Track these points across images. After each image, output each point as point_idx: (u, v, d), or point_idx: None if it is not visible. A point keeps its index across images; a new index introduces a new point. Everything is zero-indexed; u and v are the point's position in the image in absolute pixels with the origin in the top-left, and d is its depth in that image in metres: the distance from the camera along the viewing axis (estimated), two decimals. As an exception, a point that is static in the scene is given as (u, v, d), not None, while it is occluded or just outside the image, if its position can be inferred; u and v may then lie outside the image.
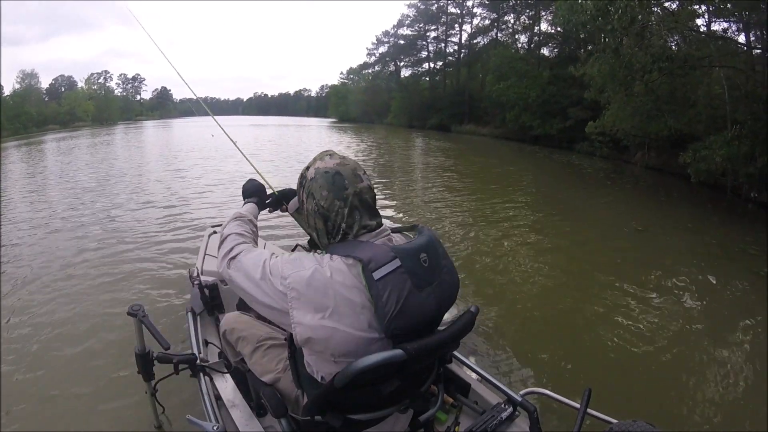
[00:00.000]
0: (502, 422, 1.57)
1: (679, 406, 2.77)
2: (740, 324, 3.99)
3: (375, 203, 1.24)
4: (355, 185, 1.19)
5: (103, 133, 34.22)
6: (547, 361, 3.18)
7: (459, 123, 36.00)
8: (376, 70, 55.49)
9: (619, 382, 2.94)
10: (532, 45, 33.03)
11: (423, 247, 1.16)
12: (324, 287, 1.09)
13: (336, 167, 1.20)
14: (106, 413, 2.43)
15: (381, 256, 1.10)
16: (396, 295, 1.06)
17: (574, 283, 4.80)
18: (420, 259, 1.13)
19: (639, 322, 3.83)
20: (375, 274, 1.07)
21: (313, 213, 1.21)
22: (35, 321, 3.49)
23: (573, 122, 20.17)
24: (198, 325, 2.21)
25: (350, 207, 1.17)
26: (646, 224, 7.56)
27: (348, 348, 1.10)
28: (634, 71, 9.98)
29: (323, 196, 1.17)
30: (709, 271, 5.30)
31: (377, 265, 1.08)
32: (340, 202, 1.17)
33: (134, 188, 9.50)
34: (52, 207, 7.68)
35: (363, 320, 1.09)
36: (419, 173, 13.54)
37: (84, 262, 4.83)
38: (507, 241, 6.17)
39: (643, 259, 5.69)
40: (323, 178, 1.19)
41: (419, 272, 1.12)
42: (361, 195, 1.19)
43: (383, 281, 1.07)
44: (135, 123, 61.01)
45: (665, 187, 12.03)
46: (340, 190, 1.17)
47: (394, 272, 1.08)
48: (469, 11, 42.08)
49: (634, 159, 16.13)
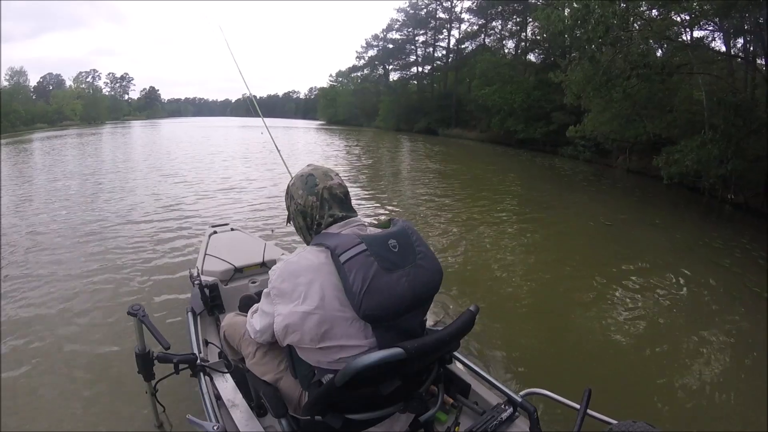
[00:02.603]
0: (502, 423, 1.56)
1: (679, 406, 2.79)
2: (720, 318, 4.13)
3: (347, 198, 1.37)
4: (325, 182, 1.33)
5: (93, 132, 33.74)
6: (546, 361, 3.20)
7: (446, 126, 36.45)
8: (365, 73, 55.86)
9: (620, 383, 2.95)
10: (519, 50, 33.70)
11: (393, 234, 1.25)
12: (295, 274, 1.20)
13: (309, 171, 1.37)
14: (107, 413, 2.45)
15: (347, 241, 1.19)
16: (362, 275, 1.13)
17: (552, 278, 4.95)
18: (389, 245, 1.21)
19: (631, 319, 3.93)
20: (341, 257, 1.15)
21: (294, 213, 1.37)
22: (35, 321, 3.48)
23: (556, 126, 20.58)
24: (198, 325, 2.22)
25: (321, 200, 1.31)
26: (612, 219, 7.96)
27: (323, 328, 1.16)
28: (613, 77, 10.28)
29: (300, 195, 1.34)
30: (673, 263, 5.57)
31: (343, 249, 1.16)
32: (313, 197, 1.32)
33: (134, 188, 9.39)
34: (52, 207, 7.57)
35: (335, 300, 1.17)
36: (405, 175, 13.72)
37: (84, 261, 4.81)
38: (488, 240, 6.32)
39: (606, 249, 6.05)
40: (299, 180, 1.36)
41: (387, 256, 1.18)
42: (331, 190, 1.33)
43: (349, 263, 1.14)
44: (123, 123, 59.95)
45: (642, 189, 12.39)
46: (312, 187, 1.32)
47: (359, 255, 1.15)
48: (458, 17, 42.81)
49: (616, 162, 16.57)
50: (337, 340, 1.18)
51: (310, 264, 1.21)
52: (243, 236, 3.52)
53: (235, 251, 2.98)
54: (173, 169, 12.55)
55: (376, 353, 1.08)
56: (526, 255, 5.76)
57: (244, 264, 2.83)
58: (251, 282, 2.67)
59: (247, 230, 3.90)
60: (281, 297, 1.22)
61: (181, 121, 70.61)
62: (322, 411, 1.26)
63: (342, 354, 1.19)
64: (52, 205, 7.65)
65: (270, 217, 6.80)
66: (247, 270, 2.82)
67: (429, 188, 10.69)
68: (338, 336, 1.17)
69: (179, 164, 13.68)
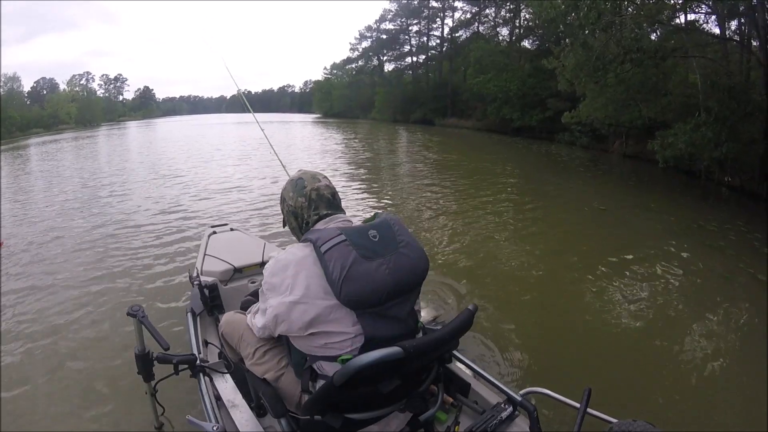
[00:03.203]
0: (502, 422, 1.56)
1: (679, 405, 2.77)
2: (719, 307, 4.08)
3: (335, 198, 1.47)
4: (313, 184, 1.44)
5: (89, 135, 33.63)
6: (546, 360, 3.18)
7: (442, 116, 36.31)
8: (359, 65, 55.57)
9: (620, 382, 2.95)
10: (513, 38, 33.43)
11: (374, 225, 1.31)
12: (284, 269, 1.28)
13: (299, 175, 1.48)
14: (106, 414, 2.45)
15: (327, 234, 1.26)
16: (341, 263, 1.19)
17: (547, 268, 4.97)
18: (369, 235, 1.27)
19: (629, 314, 3.90)
20: (322, 248, 1.22)
21: (287, 214, 1.48)
22: (34, 321, 3.50)
23: (552, 113, 20.49)
24: (198, 326, 2.21)
25: (309, 200, 1.42)
26: (607, 205, 8.05)
27: (309, 316, 1.23)
28: (606, 62, 10.23)
29: (290, 197, 1.45)
30: (668, 248, 5.61)
31: (323, 241, 1.24)
32: (302, 198, 1.42)
33: (134, 188, 9.41)
34: (50, 206, 7.61)
35: (319, 289, 1.23)
36: (403, 170, 13.68)
37: (84, 262, 4.83)
38: (485, 232, 6.32)
39: (602, 236, 6.13)
40: (290, 184, 1.47)
41: (366, 245, 1.24)
42: (318, 191, 1.43)
43: (329, 253, 1.21)
44: (119, 124, 59.43)
45: (638, 173, 12.41)
46: (302, 189, 1.43)
47: (339, 245, 1.22)
48: (451, 5, 42.40)
49: (613, 148, 16.58)
50: (324, 326, 1.23)
51: (296, 257, 1.29)
52: (242, 236, 3.52)
53: (235, 251, 2.99)
54: (170, 169, 12.54)
55: (375, 352, 1.10)
56: (521, 246, 5.75)
57: (244, 264, 2.83)
58: (251, 282, 2.68)
59: (247, 230, 3.90)
60: (272, 291, 1.31)
61: (176, 120, 70.09)
62: (321, 411, 1.27)
63: (328, 340, 1.25)
64: (50, 205, 7.68)
65: (269, 216, 6.82)
66: (246, 270, 2.82)
67: (427, 180, 10.68)
68: (324, 322, 1.23)
69: (176, 164, 13.67)
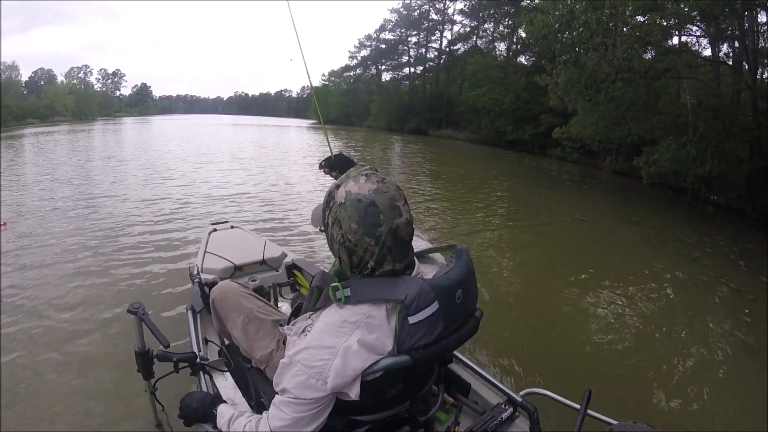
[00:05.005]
0: (503, 422, 1.55)
1: (680, 407, 2.77)
2: (714, 316, 4.21)
3: (411, 239, 1.08)
4: (392, 221, 1.00)
5: (84, 129, 32.96)
6: (547, 361, 3.18)
7: (437, 127, 36.67)
8: (357, 73, 56.06)
9: (620, 383, 2.95)
10: (510, 53, 34.04)
11: (461, 282, 1.08)
12: (356, 360, 0.99)
13: (371, 196, 1.00)
14: (106, 412, 2.42)
15: (422, 297, 0.99)
16: (425, 341, 1.02)
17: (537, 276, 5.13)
18: (455, 296, 1.05)
19: (624, 320, 3.97)
20: (410, 319, 0.98)
21: (337, 243, 1.04)
22: (34, 318, 3.44)
23: (545, 128, 20.84)
24: (198, 324, 2.16)
25: (381, 246, 1.00)
26: (590, 216, 8.43)
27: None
28: (598, 81, 10.49)
29: (351, 229, 1.00)
30: (639, 255, 5.96)
31: (417, 308, 0.98)
32: (371, 239, 0.99)
33: (133, 186, 9.27)
34: (49, 206, 7.36)
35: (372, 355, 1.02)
36: (396, 175, 13.73)
37: (83, 259, 4.75)
38: (482, 241, 6.39)
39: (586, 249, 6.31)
40: (354, 207, 1.00)
41: (452, 311, 1.05)
42: (396, 233, 1.00)
43: (416, 326, 0.99)
44: (114, 120, 58.99)
45: (625, 189, 12.70)
46: (373, 227, 0.99)
47: (430, 317, 1.00)
48: (450, 18, 43.23)
49: (603, 164, 16.95)
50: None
51: (371, 342, 1.01)
52: (243, 234, 3.50)
53: (235, 249, 2.98)
54: (170, 167, 12.43)
55: (383, 361, 1.02)
56: (512, 254, 5.91)
57: (244, 262, 2.82)
58: (251, 280, 2.68)
59: (247, 228, 3.90)
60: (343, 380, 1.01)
61: (172, 119, 69.62)
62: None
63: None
64: (49, 204, 7.49)
65: (270, 214, 6.84)
66: (247, 268, 2.81)
67: (420, 189, 10.70)
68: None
69: (176, 163, 13.57)
